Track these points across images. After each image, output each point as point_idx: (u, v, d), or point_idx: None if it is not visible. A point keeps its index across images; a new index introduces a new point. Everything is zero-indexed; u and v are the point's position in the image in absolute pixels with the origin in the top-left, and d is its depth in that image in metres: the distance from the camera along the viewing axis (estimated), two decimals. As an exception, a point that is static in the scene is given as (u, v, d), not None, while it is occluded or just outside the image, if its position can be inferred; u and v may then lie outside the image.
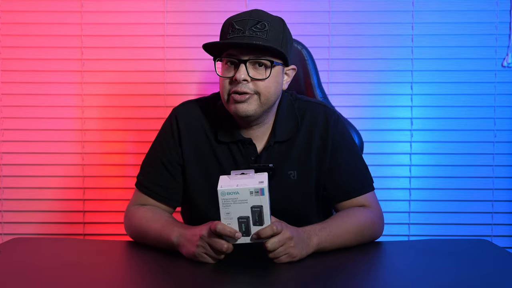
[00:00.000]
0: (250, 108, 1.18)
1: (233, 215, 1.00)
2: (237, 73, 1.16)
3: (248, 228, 1.01)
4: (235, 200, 0.99)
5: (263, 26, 1.16)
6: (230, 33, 1.17)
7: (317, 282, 0.96)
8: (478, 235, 2.03)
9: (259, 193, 0.99)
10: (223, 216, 1.00)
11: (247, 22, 1.16)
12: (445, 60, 2.02)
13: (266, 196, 0.99)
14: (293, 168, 1.27)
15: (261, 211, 1.00)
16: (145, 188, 1.30)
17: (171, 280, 0.99)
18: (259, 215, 1.00)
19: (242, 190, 0.99)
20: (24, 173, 2.05)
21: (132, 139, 2.05)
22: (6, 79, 2.05)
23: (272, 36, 1.16)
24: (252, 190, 0.99)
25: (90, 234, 2.06)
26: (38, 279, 0.98)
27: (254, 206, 0.99)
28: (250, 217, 1.00)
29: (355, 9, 2.02)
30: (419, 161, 2.05)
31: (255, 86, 1.17)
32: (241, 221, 1.00)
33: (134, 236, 1.27)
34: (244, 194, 0.99)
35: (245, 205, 0.99)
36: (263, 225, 1.00)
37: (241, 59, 1.16)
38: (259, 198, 0.99)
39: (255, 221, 1.00)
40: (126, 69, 2.04)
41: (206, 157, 1.29)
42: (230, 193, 0.99)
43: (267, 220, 1.00)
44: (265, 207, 0.99)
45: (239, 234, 1.02)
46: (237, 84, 1.16)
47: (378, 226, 1.27)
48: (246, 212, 1.00)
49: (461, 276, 1.01)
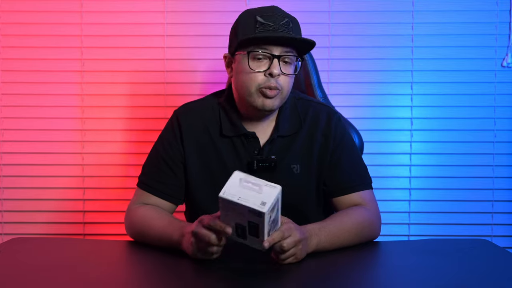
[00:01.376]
0: (275, 104, 1.23)
1: (231, 218, 0.98)
2: (273, 68, 1.18)
3: (245, 234, 0.99)
4: (233, 209, 0.95)
5: (288, 23, 1.20)
6: (259, 27, 1.18)
7: (317, 282, 0.96)
8: (478, 235, 2.03)
9: (257, 215, 0.93)
10: (222, 213, 0.99)
11: (276, 17, 1.19)
12: (445, 60, 2.02)
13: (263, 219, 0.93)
14: (296, 162, 1.29)
15: (257, 228, 0.95)
16: (147, 186, 1.30)
17: (171, 280, 0.99)
18: (255, 230, 0.97)
19: (241, 206, 0.93)
20: (24, 173, 2.05)
21: (132, 139, 2.05)
22: (6, 79, 2.05)
23: (296, 32, 1.22)
24: (250, 209, 0.93)
25: (90, 234, 2.06)
26: (38, 279, 0.98)
27: (251, 221, 0.95)
28: (246, 227, 0.98)
29: (355, 9, 2.03)
30: (419, 161, 2.05)
31: (283, 82, 1.21)
32: (237, 225, 0.99)
33: (134, 235, 1.27)
34: (243, 209, 0.94)
35: (243, 217, 0.96)
36: (258, 238, 0.97)
37: (274, 54, 1.19)
38: (257, 219, 0.94)
39: (251, 232, 0.98)
40: (126, 69, 2.04)
41: (208, 155, 1.29)
42: (230, 202, 0.94)
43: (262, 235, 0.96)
44: (262, 226, 0.94)
45: (229, 229, 0.98)
46: (270, 79, 1.19)
47: (375, 226, 1.27)
48: (243, 222, 0.97)
49: (461, 276, 1.01)
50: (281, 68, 1.20)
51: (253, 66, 1.20)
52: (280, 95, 1.22)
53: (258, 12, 1.21)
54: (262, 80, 1.20)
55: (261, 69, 1.20)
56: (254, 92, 1.21)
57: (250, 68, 1.20)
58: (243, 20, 1.23)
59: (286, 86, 1.22)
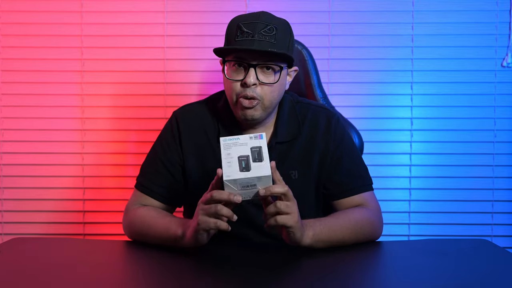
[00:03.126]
0: (256, 114, 1.20)
1: (234, 154, 1.05)
2: (247, 77, 1.16)
3: (248, 164, 1.04)
4: (235, 143, 1.06)
5: (271, 30, 1.17)
6: (239, 35, 1.17)
7: (316, 282, 0.96)
8: (478, 235, 2.03)
9: (258, 137, 1.07)
10: (224, 157, 1.05)
11: (256, 25, 1.16)
12: (445, 60, 2.02)
13: (264, 140, 1.06)
14: (295, 168, 1.28)
15: (260, 150, 1.05)
16: (145, 188, 1.30)
17: (171, 280, 0.99)
18: (259, 153, 1.05)
19: (242, 136, 1.07)
20: (24, 173, 2.05)
21: (132, 139, 2.05)
22: (6, 79, 2.05)
23: (280, 40, 1.17)
24: (251, 136, 1.07)
25: (90, 234, 2.06)
26: (38, 279, 0.98)
27: (254, 147, 1.06)
28: (249, 156, 1.05)
29: (355, 9, 2.02)
30: (419, 161, 2.05)
31: (262, 91, 1.18)
32: (241, 159, 1.04)
33: (134, 234, 1.26)
34: (244, 139, 1.07)
35: (245, 147, 1.06)
36: (262, 161, 1.04)
37: (251, 63, 1.17)
38: (258, 141, 1.07)
39: (255, 158, 1.04)
40: (126, 69, 2.04)
41: (207, 158, 1.29)
42: (231, 139, 1.07)
43: (266, 157, 1.04)
44: (264, 148, 1.05)
45: (238, 197, 1.03)
46: (245, 88, 1.17)
47: (376, 225, 1.27)
48: (246, 152, 1.05)
49: (461, 276, 1.01)
50: (260, 77, 1.17)
51: (230, 75, 1.19)
52: (261, 105, 1.20)
53: (243, 19, 1.19)
54: (239, 89, 1.18)
55: (238, 78, 1.18)
56: (234, 102, 1.21)
57: (227, 77, 1.20)
58: (229, 27, 1.22)
59: (267, 95, 1.19)
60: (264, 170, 1.03)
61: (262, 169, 1.03)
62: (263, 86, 1.18)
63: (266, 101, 1.20)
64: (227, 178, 1.02)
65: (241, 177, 1.02)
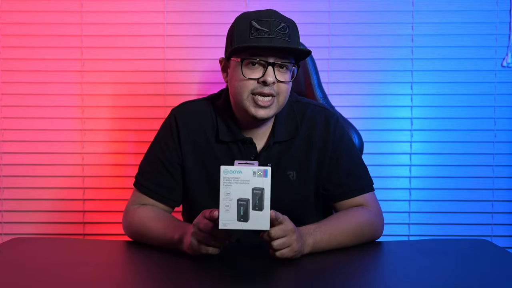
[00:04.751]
0: (270, 113, 1.20)
1: (233, 196, 0.98)
2: (267, 75, 1.16)
3: (247, 212, 0.98)
4: (236, 179, 0.98)
5: (285, 29, 1.17)
6: (253, 33, 1.16)
7: (316, 282, 0.96)
8: (478, 235, 2.03)
9: (262, 174, 0.98)
10: (222, 196, 0.98)
11: (272, 23, 1.16)
12: (445, 60, 2.02)
13: (268, 179, 0.98)
14: (293, 168, 1.27)
15: (262, 194, 0.98)
16: (144, 188, 1.30)
17: (171, 280, 0.99)
18: (260, 198, 0.98)
19: (245, 170, 0.98)
20: (24, 173, 2.05)
21: (132, 139, 2.05)
22: (6, 79, 2.05)
23: (293, 38, 1.18)
24: (255, 171, 0.98)
25: (90, 234, 2.06)
26: (38, 279, 0.98)
27: (256, 188, 0.98)
28: (250, 200, 0.98)
29: (355, 9, 2.02)
30: (419, 161, 2.05)
31: (278, 88, 1.18)
32: (240, 203, 0.98)
33: (134, 235, 1.27)
34: (247, 174, 0.98)
35: (247, 186, 0.98)
36: (262, 210, 0.98)
37: (269, 61, 1.16)
38: (262, 180, 0.98)
39: (255, 205, 0.98)
40: (126, 69, 2.04)
41: (206, 157, 1.28)
42: (233, 171, 0.98)
43: (267, 206, 0.98)
44: (267, 191, 0.98)
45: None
46: (263, 86, 1.16)
47: (377, 226, 1.26)
48: (246, 194, 0.98)
49: (461, 276, 1.01)
50: (277, 75, 1.17)
51: (246, 73, 1.17)
52: (276, 103, 1.19)
53: (254, 16, 1.18)
54: (255, 87, 1.17)
55: (255, 76, 1.17)
56: (246, 99, 1.19)
57: (243, 76, 1.17)
58: (238, 24, 1.19)
59: (283, 93, 1.19)
60: (263, 223, 0.98)
61: (260, 221, 0.98)
62: (279, 84, 1.18)
63: (281, 99, 1.20)
64: (223, 227, 0.98)
65: (238, 228, 0.98)
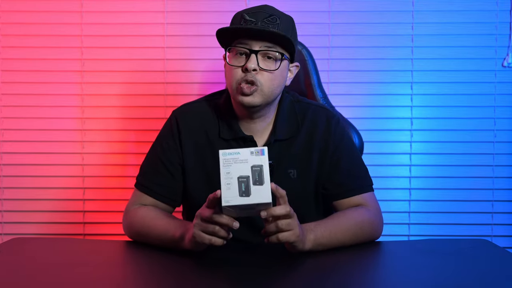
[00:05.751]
0: (255, 100, 1.19)
1: (233, 174, 1.01)
2: (248, 62, 1.17)
3: (248, 187, 1.00)
4: (235, 160, 1.01)
5: (274, 20, 1.18)
6: (242, 24, 1.18)
7: (316, 282, 0.96)
8: (478, 235, 2.03)
9: (260, 153, 1.02)
10: (223, 176, 1.01)
11: (259, 14, 1.18)
12: (445, 60, 2.02)
13: (266, 157, 1.01)
14: (293, 167, 1.28)
15: (261, 170, 1.01)
16: (145, 188, 1.30)
17: (171, 280, 0.99)
18: (259, 174, 1.01)
19: (243, 151, 1.02)
20: (24, 173, 2.05)
21: (132, 139, 2.05)
22: (6, 79, 2.05)
23: (283, 29, 1.18)
24: (253, 151, 1.02)
25: (90, 234, 2.06)
26: (38, 279, 0.98)
27: (255, 165, 1.01)
28: (250, 177, 1.01)
29: (355, 9, 2.02)
30: (419, 161, 2.05)
31: (262, 77, 1.18)
32: (241, 180, 1.01)
33: (134, 235, 1.27)
34: (245, 154, 1.02)
35: (246, 165, 1.01)
36: (263, 185, 1.00)
37: (253, 49, 1.17)
38: (260, 158, 1.02)
39: (255, 181, 1.00)
40: (126, 69, 2.04)
41: (207, 157, 1.29)
42: (231, 153, 1.02)
43: (267, 180, 1.01)
44: (265, 167, 1.01)
45: (237, 223, 1.03)
46: (246, 74, 1.17)
47: (376, 226, 1.27)
48: (246, 172, 1.01)
49: (461, 276, 1.01)
50: (261, 63, 1.18)
51: (232, 62, 1.20)
52: (260, 92, 1.19)
53: (247, 10, 1.21)
54: (240, 75, 1.18)
55: (239, 64, 1.19)
56: (235, 88, 1.20)
57: (229, 64, 1.20)
58: (233, 18, 1.23)
59: (267, 82, 1.19)
60: (265, 196, 1.00)
61: (262, 194, 1.00)
62: (263, 73, 1.18)
63: (265, 88, 1.19)
64: (226, 204, 0.99)
65: (241, 203, 0.99)
